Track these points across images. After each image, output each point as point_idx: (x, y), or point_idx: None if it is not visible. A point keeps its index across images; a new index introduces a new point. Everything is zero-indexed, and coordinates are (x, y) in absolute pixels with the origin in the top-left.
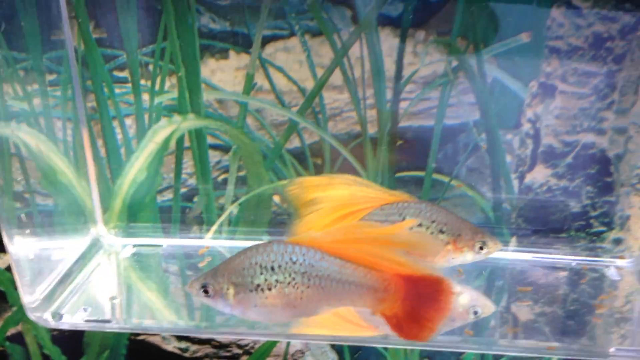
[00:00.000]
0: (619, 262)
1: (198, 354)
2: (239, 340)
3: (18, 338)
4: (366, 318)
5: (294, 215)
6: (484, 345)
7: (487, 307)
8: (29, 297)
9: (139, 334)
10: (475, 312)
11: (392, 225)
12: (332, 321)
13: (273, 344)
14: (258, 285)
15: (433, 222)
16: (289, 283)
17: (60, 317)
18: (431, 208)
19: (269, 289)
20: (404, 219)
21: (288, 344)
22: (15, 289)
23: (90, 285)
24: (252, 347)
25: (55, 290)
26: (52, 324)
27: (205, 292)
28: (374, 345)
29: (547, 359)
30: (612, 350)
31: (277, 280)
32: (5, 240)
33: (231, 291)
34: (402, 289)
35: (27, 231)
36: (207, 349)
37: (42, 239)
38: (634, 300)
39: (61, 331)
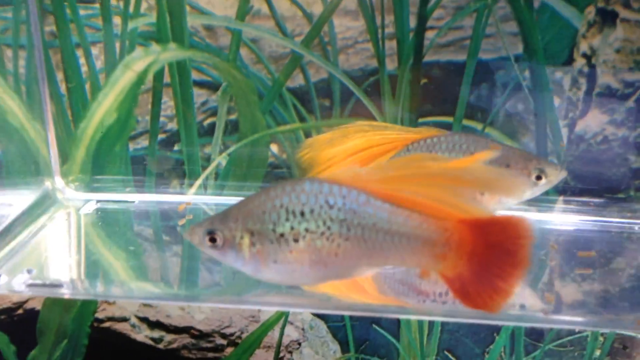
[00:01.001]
0: None
1: (174, 345)
2: (223, 328)
3: None
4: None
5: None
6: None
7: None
8: None
9: (103, 321)
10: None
11: (464, 158)
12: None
13: (264, 333)
14: (282, 235)
15: (472, 154)
16: (322, 233)
17: None
18: (467, 138)
19: (296, 241)
20: None
21: (281, 333)
22: None
23: (39, 245)
24: (239, 337)
25: None
26: None
27: (212, 240)
28: (394, 316)
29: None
30: None
31: (307, 230)
32: None
33: (246, 241)
34: (468, 242)
35: None
36: (184, 339)
37: None
38: None
39: (10, 316)
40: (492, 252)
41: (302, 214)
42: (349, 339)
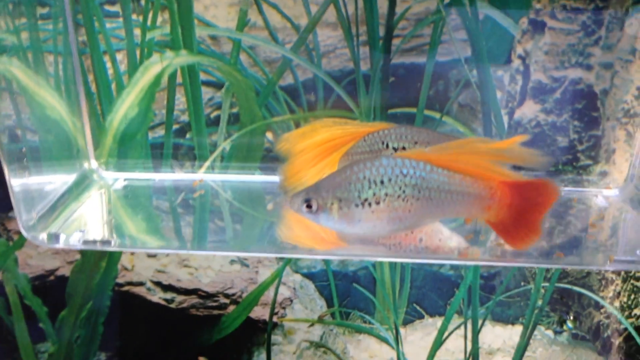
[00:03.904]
0: (606, 192)
1: (184, 305)
2: (226, 289)
3: None
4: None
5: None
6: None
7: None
8: (26, 215)
9: (122, 285)
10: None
11: (504, 140)
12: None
13: (261, 292)
14: (365, 200)
15: (416, 143)
16: (399, 196)
17: (57, 238)
18: (411, 130)
19: (377, 203)
20: (386, 145)
21: (276, 292)
22: None
23: (84, 213)
24: (240, 297)
25: (49, 215)
26: (47, 244)
27: (309, 206)
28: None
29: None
30: (611, 259)
31: (386, 194)
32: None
33: (335, 206)
34: (508, 196)
35: (24, 162)
36: (193, 300)
37: (33, 173)
38: (625, 220)
39: (43, 282)
40: (526, 203)
41: (382, 182)
42: (333, 295)
